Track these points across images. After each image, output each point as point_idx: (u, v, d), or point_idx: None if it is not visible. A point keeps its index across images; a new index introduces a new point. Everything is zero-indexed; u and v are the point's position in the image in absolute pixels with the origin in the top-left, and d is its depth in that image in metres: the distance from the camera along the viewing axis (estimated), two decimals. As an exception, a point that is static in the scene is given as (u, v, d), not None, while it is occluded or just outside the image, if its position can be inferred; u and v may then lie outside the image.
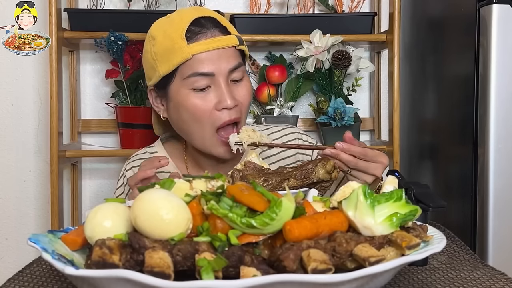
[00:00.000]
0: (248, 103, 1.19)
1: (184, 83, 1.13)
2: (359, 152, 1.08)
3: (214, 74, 1.13)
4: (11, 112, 2.03)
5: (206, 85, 1.14)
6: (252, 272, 0.64)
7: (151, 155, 1.31)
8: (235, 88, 1.16)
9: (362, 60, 1.89)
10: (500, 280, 0.87)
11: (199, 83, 1.13)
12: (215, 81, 1.13)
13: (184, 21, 1.13)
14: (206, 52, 1.12)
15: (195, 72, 1.12)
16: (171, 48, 1.12)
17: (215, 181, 0.81)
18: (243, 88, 1.18)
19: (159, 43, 1.14)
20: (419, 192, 0.95)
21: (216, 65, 1.13)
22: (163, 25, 1.17)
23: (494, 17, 1.53)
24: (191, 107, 1.14)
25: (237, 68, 1.15)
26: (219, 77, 1.13)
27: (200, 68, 1.12)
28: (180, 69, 1.13)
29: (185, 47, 1.11)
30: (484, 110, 1.56)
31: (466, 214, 1.63)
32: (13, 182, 2.04)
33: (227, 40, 1.14)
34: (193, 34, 1.13)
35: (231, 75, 1.15)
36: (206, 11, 1.18)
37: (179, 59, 1.12)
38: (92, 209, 0.74)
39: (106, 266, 0.63)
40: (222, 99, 1.13)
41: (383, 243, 0.71)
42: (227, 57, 1.14)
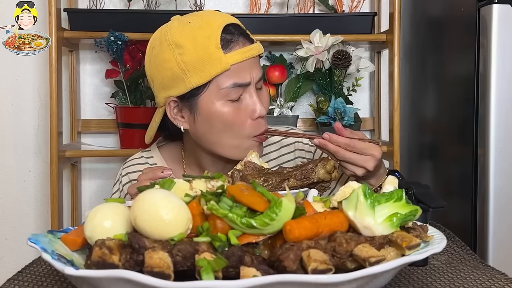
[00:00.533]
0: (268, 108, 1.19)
1: (219, 93, 1.09)
2: (345, 143, 1.06)
3: (249, 83, 1.11)
4: (11, 112, 2.03)
5: (239, 95, 1.11)
6: (252, 272, 0.64)
7: (147, 160, 1.29)
8: (260, 95, 1.15)
9: (362, 60, 1.89)
10: (500, 280, 0.87)
11: (236, 94, 1.10)
12: (248, 90, 1.12)
13: (214, 28, 1.09)
14: (242, 62, 1.10)
15: (234, 82, 1.09)
16: (206, 58, 1.07)
17: (215, 181, 0.81)
18: (265, 95, 1.17)
19: (190, 52, 1.08)
20: (419, 192, 0.95)
21: (251, 74, 1.11)
22: (190, 32, 1.09)
23: (494, 17, 1.53)
24: (228, 118, 1.10)
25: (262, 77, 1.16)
26: (251, 86, 1.12)
27: (238, 79, 1.09)
28: (216, 80, 1.09)
29: (223, 57, 1.07)
30: (484, 110, 1.56)
31: (466, 214, 1.62)
32: (13, 182, 2.04)
33: (257, 48, 1.13)
34: (227, 42, 1.09)
35: (257, 84, 1.14)
36: (229, 17, 1.14)
37: (217, 70, 1.07)
38: (92, 209, 0.74)
39: (106, 266, 0.63)
40: (257, 108, 1.12)
41: (383, 243, 0.71)
42: (257, 65, 1.14)
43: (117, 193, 1.30)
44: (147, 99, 1.90)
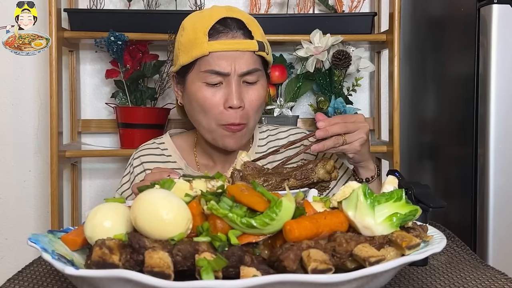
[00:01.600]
0: (256, 107, 1.22)
1: (199, 76, 1.19)
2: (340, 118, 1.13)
3: (228, 74, 1.17)
4: (11, 112, 2.03)
5: (219, 82, 1.18)
6: (252, 272, 0.64)
7: (159, 146, 1.36)
8: (245, 91, 1.20)
9: (362, 60, 1.89)
10: (500, 280, 0.87)
11: (212, 79, 1.18)
12: (227, 80, 1.18)
13: (212, 18, 1.18)
14: (224, 52, 1.17)
15: (211, 69, 1.17)
16: (193, 41, 1.18)
17: (215, 181, 0.81)
18: (253, 92, 1.21)
19: (186, 34, 1.20)
20: (419, 192, 0.95)
21: (231, 65, 1.17)
22: (193, 18, 1.23)
23: (494, 17, 1.53)
24: (201, 99, 1.19)
25: (251, 72, 1.19)
26: (231, 77, 1.18)
27: (216, 66, 1.17)
28: (198, 62, 1.19)
29: (205, 43, 1.16)
30: (484, 110, 1.56)
31: (466, 214, 1.62)
32: (13, 182, 2.04)
33: (246, 44, 1.18)
34: (216, 32, 1.18)
35: (244, 77, 1.19)
36: (237, 12, 1.22)
37: (197, 53, 1.17)
38: (92, 209, 0.74)
39: (106, 266, 0.63)
40: (230, 98, 1.17)
41: (383, 243, 0.71)
42: (244, 60, 1.18)
43: (127, 176, 1.35)
44: (147, 99, 1.90)
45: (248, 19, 1.22)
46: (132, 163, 1.35)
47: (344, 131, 1.12)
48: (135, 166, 1.33)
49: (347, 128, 1.12)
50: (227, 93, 1.18)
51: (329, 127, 1.11)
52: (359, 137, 1.13)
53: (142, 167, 1.32)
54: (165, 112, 1.91)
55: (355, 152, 1.15)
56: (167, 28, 1.79)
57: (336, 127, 1.12)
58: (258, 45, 1.19)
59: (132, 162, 1.35)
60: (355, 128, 1.13)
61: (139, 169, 1.32)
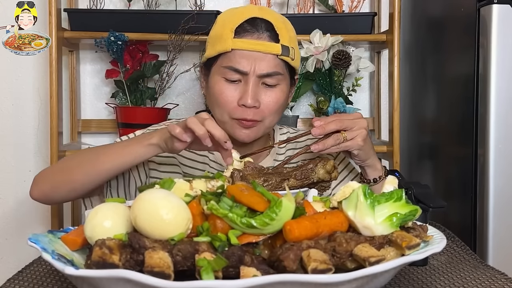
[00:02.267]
0: (272, 110, 1.21)
1: (220, 70, 1.20)
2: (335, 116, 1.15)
3: (247, 73, 1.17)
4: (11, 112, 2.03)
5: (237, 79, 1.19)
6: (252, 272, 0.64)
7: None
8: (264, 92, 1.20)
9: (362, 60, 1.89)
10: (500, 280, 0.87)
11: (231, 76, 1.18)
12: (246, 79, 1.18)
13: (242, 16, 1.19)
14: (246, 51, 1.17)
15: (231, 66, 1.18)
16: (219, 36, 1.19)
17: (215, 181, 0.82)
18: (271, 94, 1.20)
19: (215, 28, 1.22)
20: (419, 192, 0.95)
21: (251, 65, 1.17)
22: (226, 13, 1.25)
23: (494, 17, 1.53)
24: (217, 92, 1.20)
25: (271, 75, 1.19)
26: (250, 77, 1.18)
27: (236, 64, 1.17)
28: (221, 57, 1.20)
29: (230, 39, 1.17)
30: (484, 110, 1.56)
31: (466, 214, 1.62)
32: (13, 182, 2.04)
33: (269, 46, 1.17)
34: (243, 30, 1.18)
35: (263, 79, 1.19)
36: (268, 14, 1.21)
37: (221, 48, 1.18)
38: (92, 209, 0.74)
39: (106, 266, 0.63)
40: (244, 97, 1.17)
41: (383, 243, 0.71)
42: (264, 61, 1.17)
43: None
44: (147, 99, 1.90)
45: (278, 21, 1.20)
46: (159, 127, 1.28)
47: (340, 127, 1.13)
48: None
49: (343, 124, 1.13)
50: (243, 91, 1.18)
51: (325, 124, 1.12)
52: (359, 132, 1.13)
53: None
54: (165, 112, 1.91)
55: (359, 148, 1.15)
56: (167, 28, 1.79)
57: (332, 124, 1.12)
58: (282, 49, 1.18)
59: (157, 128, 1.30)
60: (352, 125, 1.13)
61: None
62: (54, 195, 1.19)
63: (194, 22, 1.78)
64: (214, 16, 1.80)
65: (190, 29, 1.79)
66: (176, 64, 1.90)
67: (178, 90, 2.06)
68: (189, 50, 1.96)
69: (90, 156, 1.18)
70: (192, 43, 1.84)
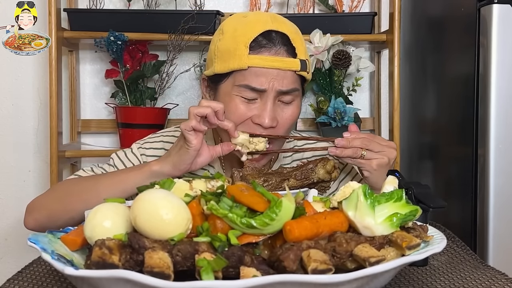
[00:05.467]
0: (287, 127, 1.16)
1: (234, 89, 1.12)
2: (368, 135, 1.10)
3: (265, 90, 1.11)
4: (11, 112, 2.03)
5: (254, 98, 1.12)
6: (252, 272, 0.64)
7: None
8: (280, 109, 1.14)
9: (362, 60, 1.89)
10: (501, 280, 0.87)
11: (248, 95, 1.11)
12: (264, 97, 1.11)
13: (256, 29, 1.11)
14: (264, 69, 1.10)
15: (248, 84, 1.10)
16: (232, 51, 1.10)
17: (215, 181, 0.81)
18: (288, 111, 1.15)
19: (225, 41, 1.13)
20: (419, 192, 0.95)
21: (269, 83, 1.10)
22: (235, 23, 1.15)
23: (494, 17, 1.53)
24: (233, 110, 1.12)
25: (289, 92, 1.13)
26: (268, 95, 1.11)
27: (253, 82, 1.10)
28: (234, 74, 1.12)
29: (245, 56, 1.09)
30: (484, 110, 1.56)
31: (466, 214, 1.62)
32: (13, 182, 2.04)
33: (288, 62, 1.11)
34: (258, 45, 1.10)
35: (280, 96, 1.13)
36: (282, 25, 1.14)
37: (235, 65, 1.10)
38: (92, 209, 0.74)
39: (105, 266, 0.63)
40: (262, 116, 1.11)
41: (383, 243, 0.71)
42: (283, 78, 1.11)
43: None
44: (147, 99, 1.90)
45: (293, 33, 1.14)
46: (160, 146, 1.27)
47: (365, 146, 1.08)
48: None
49: (369, 144, 1.08)
50: (260, 110, 1.11)
51: (351, 138, 1.08)
52: (379, 157, 1.09)
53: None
54: (165, 112, 1.91)
55: (370, 171, 1.10)
56: (167, 28, 1.79)
57: (358, 141, 1.08)
58: (301, 64, 1.12)
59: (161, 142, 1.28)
60: (379, 149, 1.09)
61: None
62: (51, 225, 1.10)
63: (194, 22, 1.78)
64: (214, 16, 1.80)
65: (190, 29, 1.79)
66: (176, 64, 1.90)
67: (178, 90, 2.06)
68: (189, 50, 1.96)
69: (89, 184, 1.14)
70: (192, 43, 1.84)
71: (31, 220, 1.15)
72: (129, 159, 1.25)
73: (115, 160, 1.25)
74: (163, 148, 1.25)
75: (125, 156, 1.25)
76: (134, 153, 1.26)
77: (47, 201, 1.16)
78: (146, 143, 1.27)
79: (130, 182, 1.08)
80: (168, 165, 1.07)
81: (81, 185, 1.16)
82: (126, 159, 1.24)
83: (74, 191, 1.15)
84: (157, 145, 1.27)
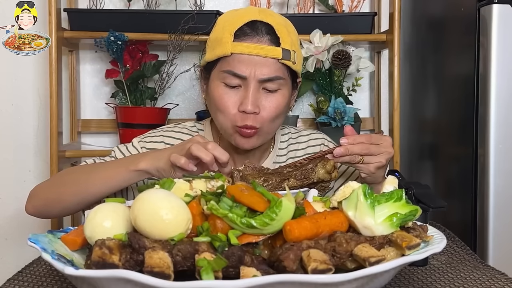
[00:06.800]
0: (273, 116, 1.18)
1: (219, 75, 1.17)
2: (365, 138, 1.12)
3: (247, 78, 1.15)
4: (11, 112, 2.03)
5: (237, 84, 1.16)
6: (252, 272, 0.64)
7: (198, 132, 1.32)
8: (264, 97, 1.17)
9: (362, 60, 1.89)
10: (500, 280, 0.87)
11: (231, 81, 1.16)
12: (246, 84, 1.15)
13: (242, 19, 1.16)
14: (246, 55, 1.14)
15: (230, 70, 1.15)
16: (219, 39, 1.16)
17: (215, 181, 0.81)
18: (272, 99, 1.17)
19: (215, 31, 1.20)
20: (419, 192, 0.95)
21: (251, 70, 1.14)
22: (227, 16, 1.21)
23: (494, 17, 1.53)
24: (217, 98, 1.17)
25: (272, 80, 1.16)
26: (250, 82, 1.15)
27: (236, 68, 1.15)
28: (220, 61, 1.17)
29: (229, 43, 1.14)
30: (484, 110, 1.56)
31: (466, 214, 1.62)
32: (13, 182, 2.04)
33: (270, 50, 1.14)
34: (242, 34, 1.15)
35: (264, 84, 1.16)
36: (269, 16, 1.18)
37: (220, 52, 1.16)
38: (92, 209, 0.74)
39: (106, 266, 0.63)
40: (244, 102, 1.15)
41: (383, 243, 0.71)
42: (265, 66, 1.14)
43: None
44: (147, 99, 1.90)
45: (279, 24, 1.17)
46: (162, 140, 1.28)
47: (365, 153, 1.11)
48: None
49: (368, 150, 1.11)
50: (243, 97, 1.15)
51: (350, 146, 1.10)
52: (378, 161, 1.12)
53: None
54: (165, 112, 1.91)
55: (368, 173, 1.14)
56: (167, 28, 1.79)
57: (357, 147, 1.10)
58: (283, 53, 1.15)
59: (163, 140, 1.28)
60: (377, 152, 1.12)
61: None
62: (48, 212, 1.19)
63: (194, 22, 1.78)
64: (214, 16, 1.80)
65: (190, 29, 1.79)
66: (176, 64, 1.90)
67: (178, 90, 2.06)
68: (189, 50, 1.96)
69: (81, 176, 1.15)
70: (192, 43, 1.84)
71: (30, 206, 1.18)
72: (130, 152, 1.26)
73: (116, 153, 1.27)
74: (163, 142, 1.28)
75: (126, 149, 1.27)
76: (135, 146, 1.28)
77: (45, 189, 1.20)
78: (146, 137, 1.30)
79: (116, 179, 1.10)
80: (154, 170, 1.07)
81: (75, 176, 1.18)
82: (127, 152, 1.26)
83: (68, 182, 1.17)
84: (157, 139, 1.29)
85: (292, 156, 1.33)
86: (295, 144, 1.35)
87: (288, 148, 1.34)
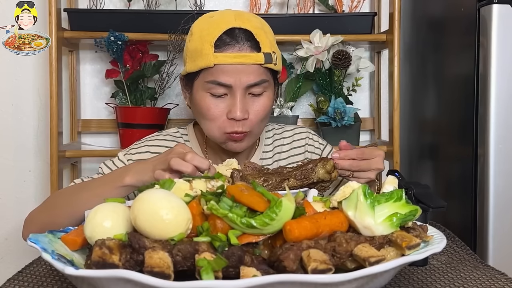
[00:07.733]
0: (261, 118, 1.20)
1: (204, 85, 1.18)
2: (356, 154, 1.12)
3: (232, 86, 1.16)
4: (11, 112, 2.03)
5: (223, 93, 1.17)
6: (252, 272, 0.64)
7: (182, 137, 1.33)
8: (251, 102, 1.19)
9: (362, 60, 1.89)
10: (500, 280, 0.87)
11: (217, 91, 1.17)
12: (232, 92, 1.17)
13: (220, 27, 1.16)
14: (229, 65, 1.15)
15: (215, 80, 1.16)
16: (199, 50, 1.16)
17: (215, 181, 0.81)
18: (259, 103, 1.19)
19: (194, 41, 1.19)
20: (419, 192, 0.95)
21: (236, 78, 1.15)
22: (202, 24, 1.21)
23: (494, 17, 1.53)
24: (205, 108, 1.18)
25: (257, 84, 1.17)
26: (236, 89, 1.16)
27: (220, 78, 1.15)
28: (203, 72, 1.18)
29: (211, 55, 1.15)
30: (484, 110, 1.56)
31: (466, 214, 1.62)
32: (13, 182, 2.04)
33: (252, 57, 1.15)
34: (223, 43, 1.15)
35: (250, 89, 1.18)
36: (246, 22, 1.18)
37: (202, 64, 1.16)
38: (92, 209, 0.74)
39: (106, 266, 0.63)
40: (233, 110, 1.16)
41: (383, 243, 0.71)
42: (249, 72, 1.16)
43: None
44: (147, 99, 1.90)
45: (257, 28, 1.18)
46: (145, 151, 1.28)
47: (355, 170, 1.12)
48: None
49: (359, 167, 1.12)
50: (231, 105, 1.17)
51: (340, 161, 1.11)
52: (367, 177, 1.13)
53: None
54: (165, 112, 1.91)
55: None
56: (167, 28, 1.79)
57: (347, 163, 1.11)
58: (265, 57, 1.16)
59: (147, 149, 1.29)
60: (367, 168, 1.12)
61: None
62: None
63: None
64: (214, 16, 1.80)
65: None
66: (176, 64, 1.90)
67: (178, 90, 2.06)
68: (189, 50, 1.96)
69: (71, 197, 1.15)
70: (192, 43, 1.84)
71: (27, 233, 1.17)
72: (117, 166, 1.26)
73: (104, 169, 1.27)
74: (148, 151, 1.28)
75: (113, 164, 1.27)
76: (121, 160, 1.28)
77: (39, 214, 1.20)
78: (131, 149, 1.30)
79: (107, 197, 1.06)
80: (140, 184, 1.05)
81: (66, 198, 1.18)
82: (114, 167, 1.26)
83: (60, 204, 1.17)
84: (142, 149, 1.29)
85: (278, 151, 1.35)
86: (280, 139, 1.37)
87: (273, 144, 1.36)
